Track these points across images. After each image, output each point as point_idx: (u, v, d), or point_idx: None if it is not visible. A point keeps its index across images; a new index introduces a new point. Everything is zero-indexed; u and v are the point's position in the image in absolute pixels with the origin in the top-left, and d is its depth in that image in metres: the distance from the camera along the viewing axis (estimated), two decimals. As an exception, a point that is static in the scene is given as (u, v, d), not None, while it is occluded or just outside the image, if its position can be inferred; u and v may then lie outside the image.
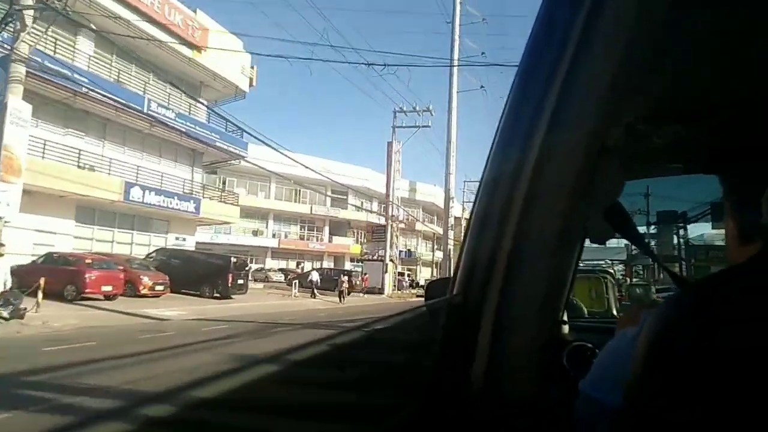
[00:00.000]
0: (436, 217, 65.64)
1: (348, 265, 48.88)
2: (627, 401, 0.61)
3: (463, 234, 0.91)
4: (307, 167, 28.89)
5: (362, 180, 53.51)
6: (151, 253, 21.86)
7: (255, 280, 37.84)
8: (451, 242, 58.62)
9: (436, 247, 64.06)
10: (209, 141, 25.19)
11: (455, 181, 59.59)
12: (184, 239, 26.16)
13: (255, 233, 49.42)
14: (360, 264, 39.30)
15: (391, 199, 37.03)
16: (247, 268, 21.88)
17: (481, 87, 57.59)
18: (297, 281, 29.99)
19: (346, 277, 25.83)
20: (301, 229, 53.57)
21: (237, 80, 27.69)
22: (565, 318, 1.19)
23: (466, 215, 66.50)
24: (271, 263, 48.88)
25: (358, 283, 34.02)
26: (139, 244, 23.71)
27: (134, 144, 23.91)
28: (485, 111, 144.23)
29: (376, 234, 38.86)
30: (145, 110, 21.45)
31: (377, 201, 56.68)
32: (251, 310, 17.92)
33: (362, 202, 57.50)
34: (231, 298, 20.51)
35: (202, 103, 23.99)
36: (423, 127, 37.04)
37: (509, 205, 0.78)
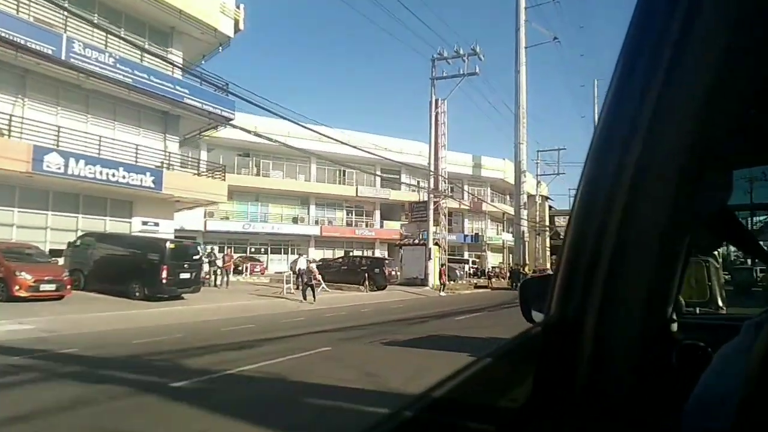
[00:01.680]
0: (509, 197, 57.09)
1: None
2: (738, 427, 0.57)
3: (563, 235, 0.84)
4: (345, 143, 22.95)
5: (415, 156, 46.60)
6: (75, 240, 16.56)
7: (252, 273, 32.23)
8: (524, 223, 50.23)
9: (508, 229, 55.67)
10: (175, 97, 19.59)
11: (526, 151, 51.30)
12: (156, 224, 20.84)
13: (295, 220, 44.14)
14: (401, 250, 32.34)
15: (432, 168, 29.64)
16: (197, 257, 15.93)
17: (555, 39, 48.77)
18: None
19: (313, 264, 19.38)
20: (347, 215, 47.63)
21: (216, 22, 21.91)
22: (674, 316, 1.18)
23: (543, 191, 57.15)
24: (314, 253, 43.39)
25: (393, 273, 27.39)
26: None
27: (73, 104, 18.81)
28: (559, 66, 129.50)
29: (416, 213, 31.72)
30: (62, 54, 16.13)
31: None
32: (161, 324, 11.95)
33: (418, 181, 50.54)
34: (169, 299, 14.72)
35: (168, 61, 18.33)
36: (469, 75, 29.22)
37: (611, 204, 0.74)
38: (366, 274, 23.72)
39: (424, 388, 0.70)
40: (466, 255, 52.91)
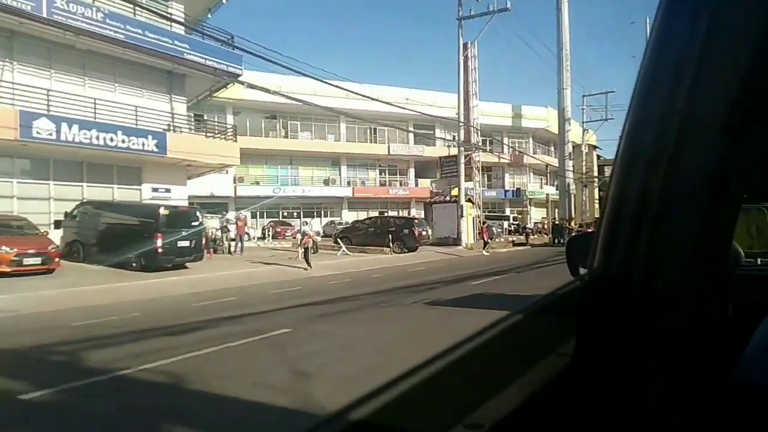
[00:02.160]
0: (553, 148, 53.70)
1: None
2: None
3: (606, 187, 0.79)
4: (375, 99, 21.40)
5: (450, 109, 44.07)
6: (72, 210, 15.79)
7: (284, 237, 31.23)
8: (570, 175, 47.20)
9: (552, 182, 52.70)
10: (174, 53, 18.27)
11: (571, 97, 47.66)
12: (167, 191, 20.00)
13: (326, 182, 42.96)
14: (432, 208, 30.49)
15: (461, 118, 27.41)
16: (197, 224, 14.82)
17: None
18: (341, 238, 22.92)
19: (308, 226, 18.10)
20: (380, 174, 45.98)
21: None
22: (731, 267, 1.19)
23: (590, 139, 53.38)
24: (347, 216, 42.27)
25: (425, 233, 25.84)
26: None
27: (68, 67, 17.83)
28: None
29: (446, 168, 29.64)
30: (42, 10, 15.00)
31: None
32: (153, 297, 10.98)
33: (454, 136, 48.02)
34: (172, 268, 13.79)
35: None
36: (499, 11, 26.37)
37: (656, 153, 0.73)
38: (391, 236, 22.27)
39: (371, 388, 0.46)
40: (507, 211, 50.46)
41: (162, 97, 20.39)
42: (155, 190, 19.77)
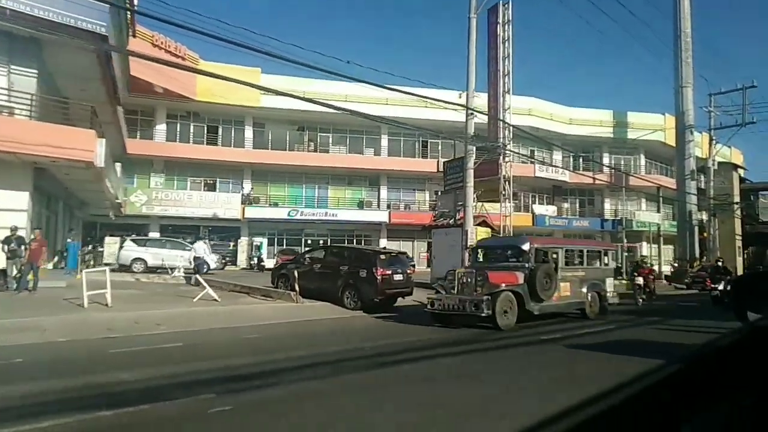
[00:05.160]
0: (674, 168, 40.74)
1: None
2: None
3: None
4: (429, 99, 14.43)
5: (524, 116, 34.66)
6: None
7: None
8: (693, 200, 34.62)
9: (665, 211, 40.05)
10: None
11: (693, 99, 35.37)
12: None
13: (360, 205, 35.67)
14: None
15: (470, 104, 18.43)
16: None
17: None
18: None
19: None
20: (431, 196, 37.41)
21: None
22: None
23: (732, 157, 39.47)
24: (384, 244, 34.42)
25: (399, 276, 16.03)
26: None
27: None
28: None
29: (451, 176, 20.28)
30: None
31: (559, 147, 36.69)
32: None
33: (532, 151, 38.09)
34: None
35: None
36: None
37: None
38: (341, 281, 13.63)
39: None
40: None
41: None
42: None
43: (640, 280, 17.40)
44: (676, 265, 33.54)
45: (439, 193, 26.38)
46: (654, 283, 18.86)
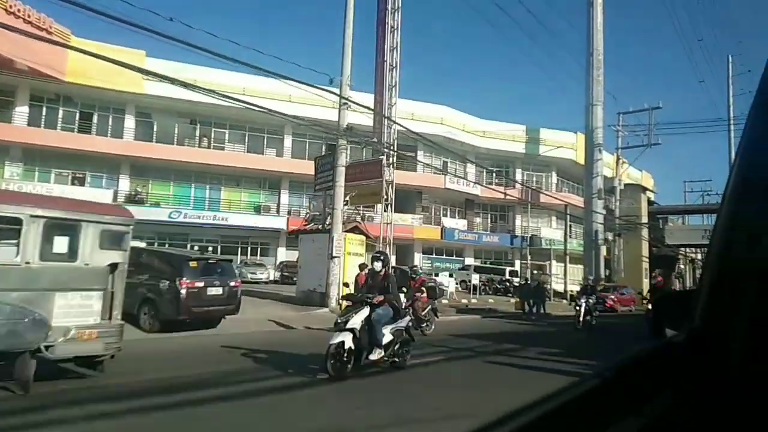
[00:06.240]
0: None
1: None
2: None
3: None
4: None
5: (437, 125, 33.07)
6: None
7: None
8: (599, 219, 34.26)
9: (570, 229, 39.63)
10: None
11: (603, 117, 35.25)
12: None
13: (258, 209, 32.52)
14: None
15: (343, 92, 16.12)
16: None
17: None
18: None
19: None
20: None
21: None
22: None
23: (625, 171, 39.57)
24: (285, 254, 31.47)
25: (219, 292, 14.03)
26: None
27: None
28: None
29: (322, 174, 17.39)
30: None
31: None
32: None
33: (446, 162, 36.63)
34: None
35: None
36: None
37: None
38: (140, 294, 10.69)
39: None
40: (517, 264, 37.41)
41: None
42: None
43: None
44: (582, 284, 32.85)
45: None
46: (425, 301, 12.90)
